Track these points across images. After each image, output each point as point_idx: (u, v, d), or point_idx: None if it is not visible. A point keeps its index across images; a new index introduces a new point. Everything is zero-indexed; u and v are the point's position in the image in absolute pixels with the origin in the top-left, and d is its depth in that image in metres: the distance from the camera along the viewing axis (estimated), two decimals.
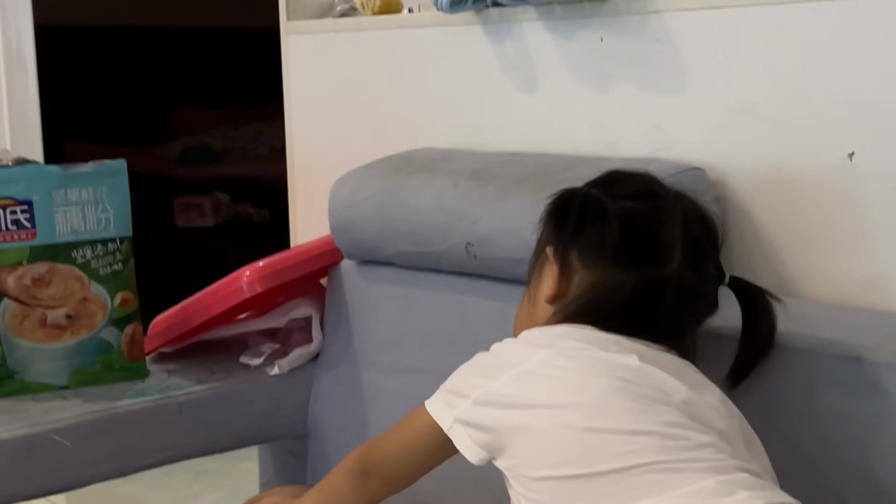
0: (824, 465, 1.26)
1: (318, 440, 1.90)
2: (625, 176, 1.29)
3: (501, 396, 1.14)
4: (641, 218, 1.21)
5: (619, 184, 1.27)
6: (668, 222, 1.21)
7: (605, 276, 1.20)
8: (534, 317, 1.26)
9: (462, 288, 1.68)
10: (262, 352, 1.90)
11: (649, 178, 1.28)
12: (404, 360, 1.75)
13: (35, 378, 1.80)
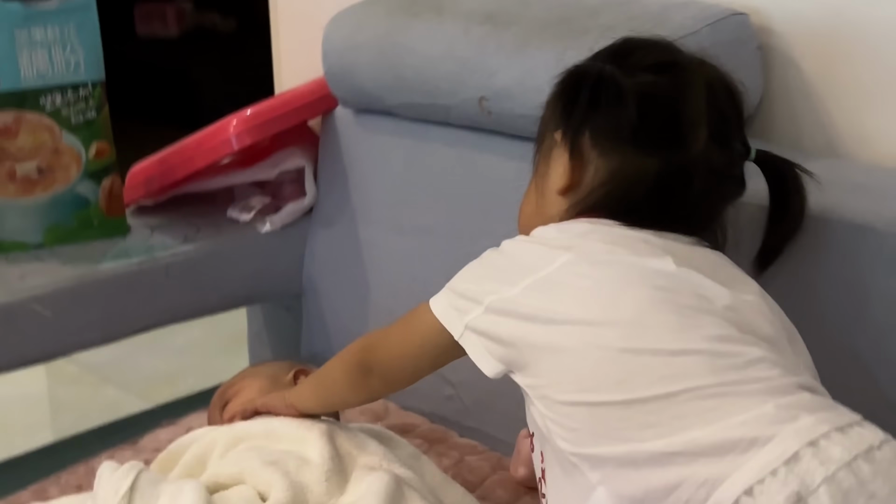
0: (867, 353, 1.17)
1: (314, 299, 1.79)
2: (640, 45, 1.12)
3: (520, 306, 1.01)
4: (662, 94, 1.06)
5: (633, 55, 1.10)
6: (692, 97, 1.06)
7: (625, 163, 1.05)
8: (544, 210, 1.12)
9: (474, 143, 1.54)
10: (251, 206, 1.77)
11: (668, 47, 1.12)
12: (409, 219, 1.63)
13: (8, 236, 1.67)
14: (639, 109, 1.04)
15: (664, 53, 1.11)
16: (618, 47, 1.13)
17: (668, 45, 1.13)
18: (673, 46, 1.12)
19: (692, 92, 1.06)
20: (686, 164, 1.04)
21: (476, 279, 1.08)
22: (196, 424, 1.56)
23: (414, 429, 1.54)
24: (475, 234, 1.53)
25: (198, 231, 1.74)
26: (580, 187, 1.08)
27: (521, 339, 1.00)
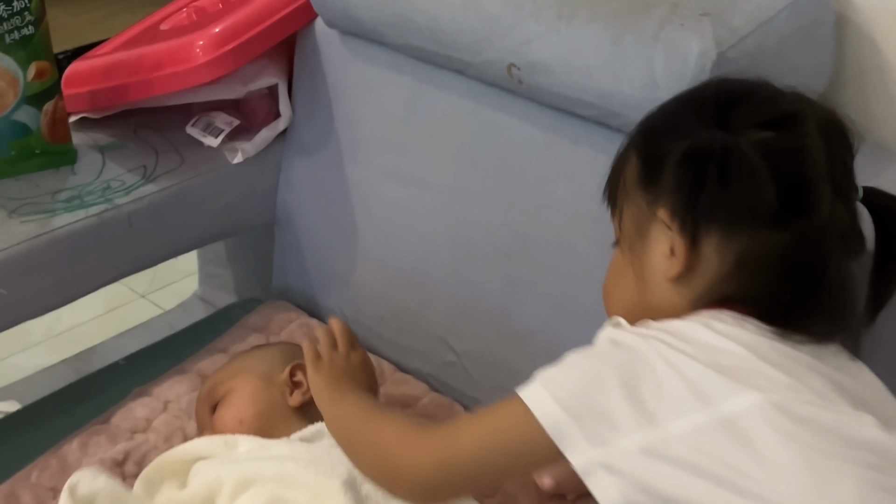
0: None
1: (290, 230, 1.62)
2: (740, 94, 0.94)
3: (693, 452, 0.80)
4: (786, 156, 0.89)
5: (739, 109, 0.92)
6: (814, 151, 0.90)
7: (752, 243, 0.89)
8: (651, 298, 0.95)
9: (494, 102, 1.34)
10: (218, 128, 1.55)
11: (770, 91, 0.95)
12: (409, 168, 1.45)
13: None
14: (775, 183, 0.88)
15: (772, 103, 0.93)
16: (714, 97, 0.94)
17: (768, 88, 0.95)
18: (774, 88, 0.95)
19: (813, 144, 0.90)
20: (817, 230, 0.89)
21: (605, 388, 0.84)
22: (172, 397, 1.42)
23: (415, 402, 1.44)
24: (485, 198, 1.38)
25: (157, 159, 1.53)
26: (696, 273, 0.92)
27: (688, 500, 0.81)
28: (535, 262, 1.34)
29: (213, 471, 1.17)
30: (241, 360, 1.34)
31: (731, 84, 0.96)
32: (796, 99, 0.94)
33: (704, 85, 0.99)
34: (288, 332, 1.54)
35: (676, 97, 0.99)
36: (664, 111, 0.98)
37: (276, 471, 1.13)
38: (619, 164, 0.99)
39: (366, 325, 1.54)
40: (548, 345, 1.34)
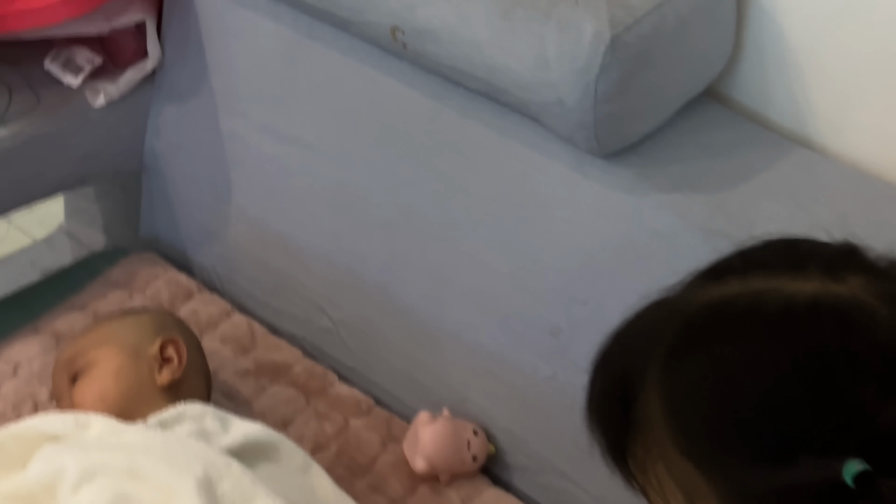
0: None
1: (158, 178, 1.52)
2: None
3: None
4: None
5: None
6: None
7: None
8: None
9: (378, 62, 1.25)
10: (78, 65, 1.42)
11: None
12: (287, 126, 1.35)
13: None
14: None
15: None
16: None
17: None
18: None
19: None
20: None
21: None
22: (23, 359, 1.33)
23: (288, 371, 1.37)
24: (368, 164, 1.31)
25: (10, 97, 1.40)
26: None
27: None
28: (417, 235, 1.27)
29: (58, 457, 1.08)
30: (107, 328, 1.24)
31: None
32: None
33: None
34: (154, 288, 1.46)
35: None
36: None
37: (125, 463, 1.05)
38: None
39: (239, 285, 1.46)
40: (427, 321, 1.29)
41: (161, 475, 1.04)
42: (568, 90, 1.07)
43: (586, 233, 1.14)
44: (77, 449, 1.09)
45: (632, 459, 0.64)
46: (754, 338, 0.59)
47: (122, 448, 1.08)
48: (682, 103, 1.17)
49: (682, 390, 0.60)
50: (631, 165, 1.13)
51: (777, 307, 0.59)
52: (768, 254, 0.65)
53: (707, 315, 0.61)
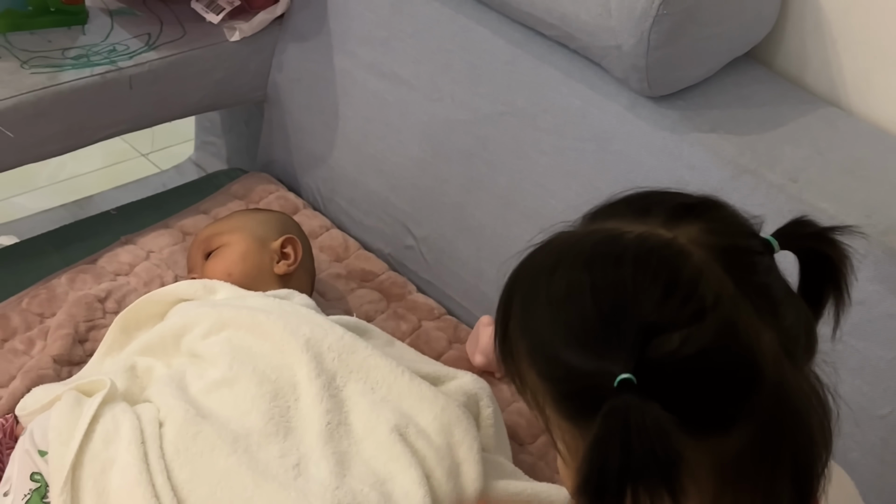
0: None
1: (278, 110, 1.75)
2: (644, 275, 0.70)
3: None
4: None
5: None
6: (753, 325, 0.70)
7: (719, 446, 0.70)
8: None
9: (470, 12, 1.46)
10: (219, 6, 1.66)
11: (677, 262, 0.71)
12: (390, 64, 1.57)
13: None
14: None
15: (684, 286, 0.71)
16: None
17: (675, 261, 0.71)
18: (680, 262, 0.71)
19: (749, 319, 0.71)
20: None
21: None
22: (155, 247, 1.57)
23: (374, 277, 1.58)
24: (454, 100, 1.51)
25: (161, 29, 1.65)
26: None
27: None
28: (491, 163, 1.47)
29: (193, 311, 1.30)
30: (242, 218, 1.48)
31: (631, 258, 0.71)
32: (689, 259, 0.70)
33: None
34: (266, 202, 1.69)
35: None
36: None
37: (249, 319, 1.26)
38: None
39: (338, 205, 1.68)
40: (496, 239, 1.49)
41: (277, 331, 1.24)
42: (625, 36, 1.26)
43: (633, 164, 1.33)
44: (209, 306, 1.31)
45: (511, 369, 0.76)
46: (575, 266, 0.71)
47: (246, 308, 1.29)
48: (727, 60, 1.35)
49: (526, 312, 0.74)
50: (676, 108, 1.31)
51: (602, 241, 0.72)
52: (628, 201, 0.76)
53: (548, 241, 0.76)
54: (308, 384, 1.18)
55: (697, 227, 0.71)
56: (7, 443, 1.22)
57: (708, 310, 0.67)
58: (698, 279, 0.68)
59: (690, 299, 0.68)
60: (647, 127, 1.32)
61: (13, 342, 1.39)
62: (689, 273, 0.69)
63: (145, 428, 1.14)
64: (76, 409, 1.15)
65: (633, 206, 0.75)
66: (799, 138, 1.28)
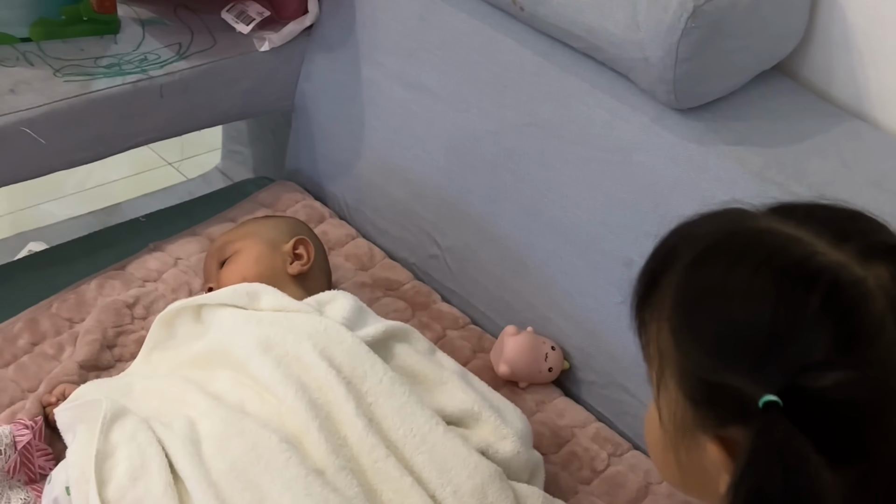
0: None
1: (305, 118, 1.77)
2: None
3: None
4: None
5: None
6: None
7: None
8: (676, 472, 0.80)
9: (498, 23, 1.48)
10: (249, 16, 1.68)
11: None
12: (416, 75, 1.58)
13: None
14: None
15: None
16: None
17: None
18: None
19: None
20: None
21: None
22: (182, 254, 1.59)
23: (399, 287, 1.59)
24: (480, 111, 1.52)
25: (191, 38, 1.67)
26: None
27: None
28: (516, 173, 1.48)
29: (239, 327, 1.28)
30: (252, 225, 1.49)
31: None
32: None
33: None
34: (293, 210, 1.70)
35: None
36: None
37: (295, 348, 1.23)
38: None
39: (364, 214, 1.69)
40: (521, 249, 1.50)
41: (321, 369, 1.21)
42: (653, 49, 1.27)
43: (659, 176, 1.34)
44: (254, 324, 1.28)
45: (643, 315, 0.79)
46: (761, 269, 0.70)
47: (292, 334, 1.25)
48: (754, 73, 1.35)
49: (690, 279, 0.74)
50: (702, 120, 1.32)
51: (795, 256, 0.70)
52: (830, 215, 0.75)
53: (747, 234, 0.74)
54: (351, 425, 1.18)
55: (889, 271, 0.70)
56: (37, 444, 1.23)
57: (873, 362, 0.68)
58: (876, 330, 0.68)
59: (858, 346, 0.68)
60: (673, 138, 1.33)
61: (43, 346, 1.41)
62: (869, 321, 0.68)
63: (178, 454, 1.13)
64: (90, 446, 1.14)
65: (834, 226, 0.73)
66: (825, 151, 1.28)
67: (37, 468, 1.22)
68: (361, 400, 1.20)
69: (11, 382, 1.36)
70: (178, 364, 1.30)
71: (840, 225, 0.73)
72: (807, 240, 0.71)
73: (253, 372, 1.22)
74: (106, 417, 1.16)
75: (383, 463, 1.15)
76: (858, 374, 0.67)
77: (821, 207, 0.76)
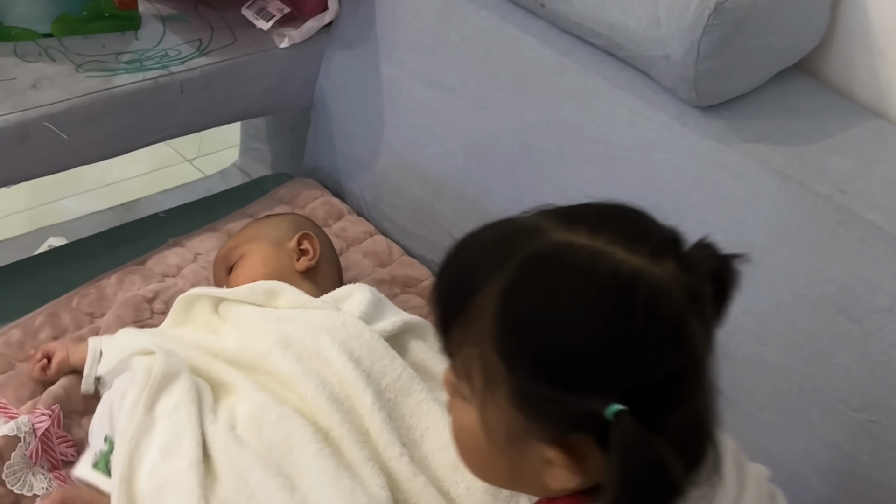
0: None
1: (324, 116, 1.77)
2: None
3: None
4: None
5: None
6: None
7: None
8: (505, 474, 0.85)
9: (518, 21, 1.47)
10: (270, 13, 1.69)
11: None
12: (436, 72, 1.59)
13: (15, 21, 1.59)
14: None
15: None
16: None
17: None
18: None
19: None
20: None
21: None
22: (202, 250, 1.59)
23: (417, 284, 1.60)
24: (500, 108, 1.52)
25: (212, 35, 1.67)
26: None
27: None
28: (537, 171, 1.48)
29: (259, 327, 1.28)
30: (255, 227, 1.50)
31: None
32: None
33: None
34: (311, 207, 1.71)
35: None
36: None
37: (314, 344, 1.24)
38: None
39: (382, 211, 1.70)
40: None
41: (339, 361, 1.21)
42: (674, 46, 1.26)
43: (680, 174, 1.33)
44: (272, 320, 1.29)
45: (453, 335, 0.81)
46: (580, 289, 0.75)
47: (311, 328, 1.26)
48: (775, 71, 1.35)
49: (513, 307, 0.76)
50: (723, 118, 1.32)
51: (606, 270, 0.75)
52: (614, 221, 0.81)
53: (552, 254, 0.78)
54: (370, 419, 1.18)
55: (675, 264, 0.77)
56: (57, 432, 1.24)
57: (685, 350, 0.76)
58: (682, 321, 0.76)
59: (675, 341, 0.76)
60: (694, 136, 1.33)
61: (63, 340, 1.42)
62: (674, 315, 0.76)
63: (214, 434, 1.13)
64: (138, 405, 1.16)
65: (622, 230, 0.79)
66: (846, 149, 1.28)
67: (58, 455, 1.23)
68: (381, 395, 1.21)
69: (32, 377, 1.36)
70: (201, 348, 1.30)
71: (627, 229, 0.79)
72: (606, 249, 0.76)
73: (272, 368, 1.23)
74: (153, 386, 1.17)
75: (396, 462, 1.15)
76: (678, 365, 0.75)
77: (600, 211, 0.83)
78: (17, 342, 1.39)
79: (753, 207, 1.28)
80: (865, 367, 1.19)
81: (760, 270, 1.26)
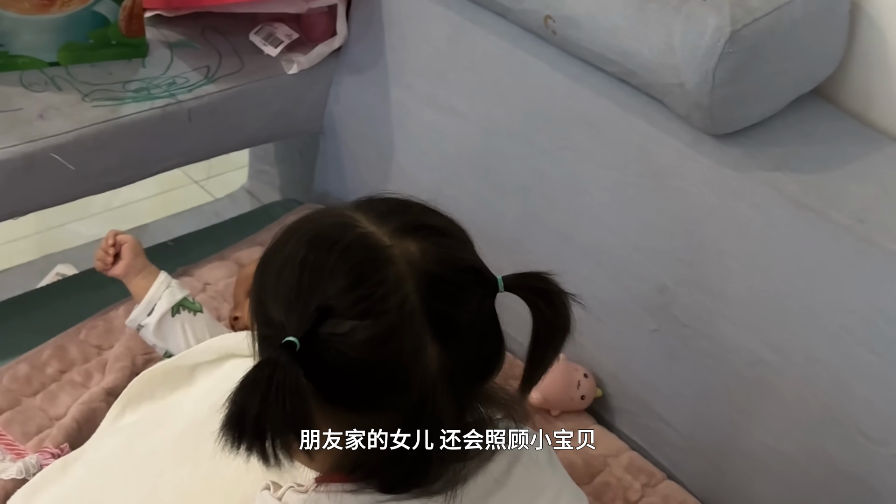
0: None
1: (333, 140, 1.76)
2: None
3: None
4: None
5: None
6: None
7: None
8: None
9: (529, 46, 1.46)
10: (278, 39, 1.67)
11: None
12: (445, 97, 1.57)
13: (21, 51, 1.58)
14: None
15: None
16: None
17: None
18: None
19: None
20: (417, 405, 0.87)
21: None
22: (211, 279, 1.58)
23: None
24: (510, 134, 1.51)
25: (220, 61, 1.66)
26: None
27: None
28: (548, 197, 1.46)
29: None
30: None
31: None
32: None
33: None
34: None
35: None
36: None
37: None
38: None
39: None
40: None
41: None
42: (689, 74, 1.24)
43: (694, 202, 1.31)
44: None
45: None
46: (302, 238, 0.83)
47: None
48: (792, 97, 1.33)
49: (265, 253, 0.87)
50: (739, 145, 1.30)
51: (330, 227, 0.84)
52: (387, 204, 0.88)
53: (307, 220, 0.87)
54: None
55: (419, 246, 0.83)
56: None
57: (383, 313, 0.80)
58: (388, 287, 0.80)
59: (370, 298, 0.80)
60: (709, 163, 1.31)
61: (71, 374, 1.40)
62: (381, 277, 0.80)
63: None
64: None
65: (382, 208, 0.86)
66: (865, 177, 1.26)
67: None
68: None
69: (39, 410, 1.35)
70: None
71: (389, 208, 0.86)
72: (355, 218, 0.84)
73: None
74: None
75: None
76: (370, 326, 0.79)
77: (383, 199, 0.89)
78: (24, 377, 1.38)
79: (770, 237, 1.26)
80: (886, 399, 1.17)
81: (778, 301, 1.24)
